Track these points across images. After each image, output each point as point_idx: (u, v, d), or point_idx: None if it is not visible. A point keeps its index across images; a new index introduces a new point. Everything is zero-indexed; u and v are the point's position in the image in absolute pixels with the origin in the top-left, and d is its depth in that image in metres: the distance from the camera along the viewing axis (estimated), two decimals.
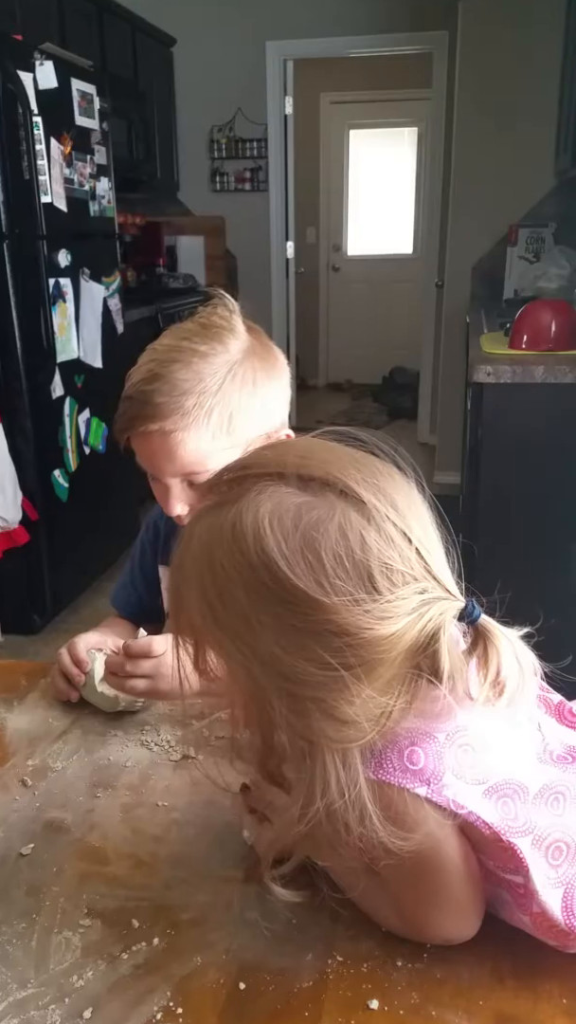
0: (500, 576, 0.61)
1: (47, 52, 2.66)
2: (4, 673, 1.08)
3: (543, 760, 0.62)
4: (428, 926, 0.63)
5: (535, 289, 3.39)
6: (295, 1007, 0.60)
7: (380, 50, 4.76)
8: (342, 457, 0.58)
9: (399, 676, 0.55)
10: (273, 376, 0.95)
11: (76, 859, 0.76)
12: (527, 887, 0.59)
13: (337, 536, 0.53)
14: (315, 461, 0.57)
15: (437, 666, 0.54)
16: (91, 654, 1.00)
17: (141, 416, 0.90)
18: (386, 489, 0.56)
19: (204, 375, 0.89)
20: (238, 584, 0.54)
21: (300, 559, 0.53)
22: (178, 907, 0.70)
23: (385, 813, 0.56)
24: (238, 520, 0.55)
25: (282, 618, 0.53)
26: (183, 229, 4.96)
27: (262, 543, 0.53)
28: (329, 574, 0.52)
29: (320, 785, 0.55)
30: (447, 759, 0.57)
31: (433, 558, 0.56)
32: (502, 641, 0.57)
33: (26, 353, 2.66)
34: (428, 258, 4.96)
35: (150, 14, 4.29)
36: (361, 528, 0.54)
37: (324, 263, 7.17)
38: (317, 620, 0.53)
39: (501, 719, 0.60)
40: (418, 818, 0.56)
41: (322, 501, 0.55)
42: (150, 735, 0.94)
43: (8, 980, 0.63)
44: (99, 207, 3.09)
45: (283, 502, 0.55)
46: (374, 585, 0.53)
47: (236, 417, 0.90)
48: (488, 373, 2.28)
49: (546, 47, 3.75)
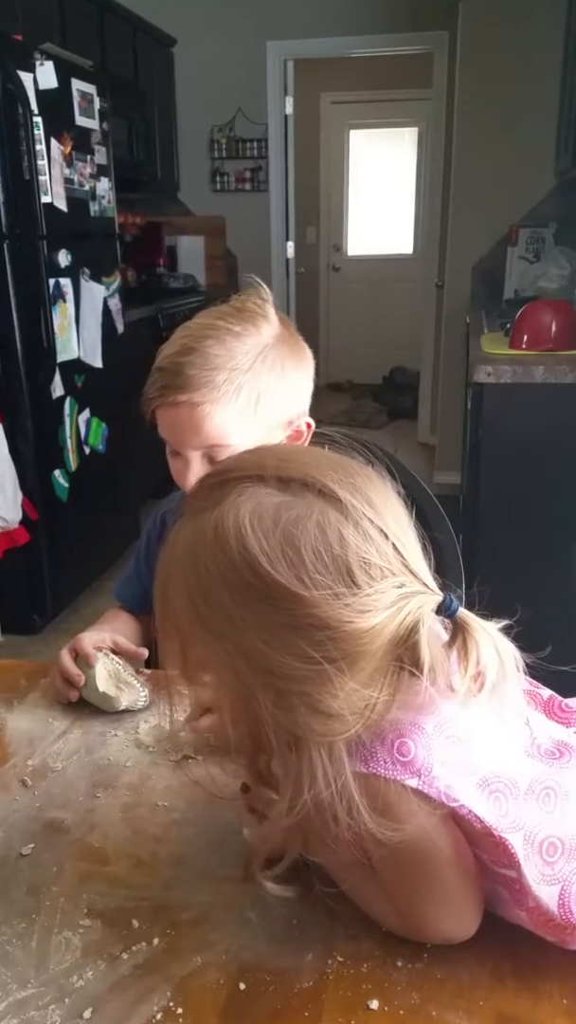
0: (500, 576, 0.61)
1: (47, 52, 2.66)
2: (4, 673, 1.08)
3: (531, 755, 0.63)
4: (426, 923, 0.63)
5: (535, 289, 3.39)
6: (295, 1007, 0.60)
7: (380, 50, 4.76)
8: (320, 459, 0.61)
9: (381, 669, 0.56)
10: (300, 365, 0.97)
11: (76, 859, 0.76)
12: (520, 882, 0.59)
13: (316, 533, 0.55)
14: (294, 463, 0.59)
15: (418, 658, 0.56)
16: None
17: (172, 386, 0.91)
18: (363, 488, 0.58)
19: (236, 353, 0.91)
20: (221, 583, 0.56)
21: (280, 555, 0.54)
22: (178, 907, 0.70)
23: (375, 805, 0.57)
24: (220, 522, 0.56)
25: (265, 614, 0.55)
26: (183, 229, 4.97)
27: (243, 542, 0.55)
28: (309, 569, 0.54)
29: (307, 778, 0.57)
30: (436, 751, 0.58)
31: (410, 553, 0.58)
32: (481, 633, 0.58)
33: (26, 353, 2.66)
34: (428, 258, 4.96)
35: (150, 14, 4.29)
36: (339, 525, 0.55)
37: (324, 263, 7.17)
38: (299, 614, 0.54)
39: (487, 713, 0.61)
40: (408, 810, 0.57)
41: (301, 500, 0.56)
42: (151, 735, 0.94)
43: (8, 980, 0.63)
44: (99, 207, 3.09)
45: (263, 502, 0.56)
46: (353, 579, 0.55)
47: (263, 398, 0.92)
48: (488, 373, 2.28)
49: (546, 47, 3.76)
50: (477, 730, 0.60)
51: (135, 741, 0.93)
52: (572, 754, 0.63)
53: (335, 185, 7.06)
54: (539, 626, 0.63)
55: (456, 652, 0.58)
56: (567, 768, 0.62)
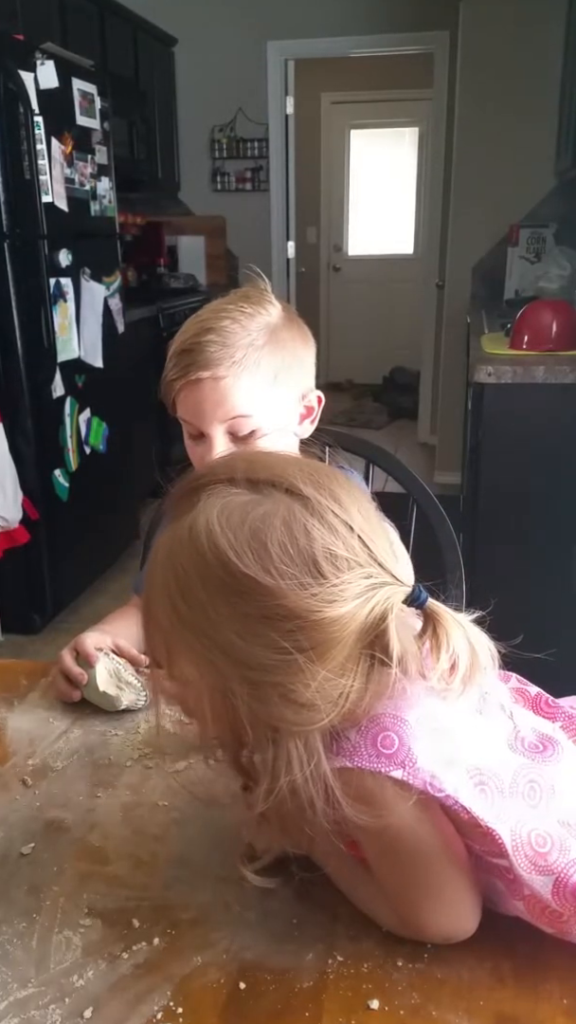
0: (500, 576, 0.61)
1: (48, 52, 2.66)
2: (4, 673, 1.08)
3: (514, 748, 0.64)
4: (423, 919, 0.63)
5: (536, 289, 3.39)
6: (295, 1007, 0.60)
7: (381, 50, 4.76)
8: (286, 461, 0.64)
9: (352, 658, 0.58)
10: (307, 343, 1.03)
11: (76, 859, 0.76)
12: (514, 871, 0.60)
13: (281, 528, 0.57)
14: (261, 465, 0.62)
15: (387, 647, 0.57)
16: None
17: (194, 364, 0.94)
18: (328, 485, 0.60)
19: (252, 330, 0.96)
20: (196, 581, 0.58)
21: (247, 549, 0.57)
22: (178, 907, 0.70)
23: (357, 796, 0.58)
24: (193, 524, 0.59)
25: (237, 607, 0.57)
26: (184, 229, 4.97)
27: (214, 539, 0.57)
28: (275, 561, 0.56)
29: (283, 766, 0.59)
30: (420, 742, 0.59)
31: (377, 547, 0.59)
32: (451, 623, 0.60)
33: (27, 353, 2.66)
34: (429, 258, 4.96)
35: (151, 14, 4.29)
36: (304, 519, 0.58)
37: (325, 263, 7.17)
38: (268, 605, 0.56)
39: (469, 707, 0.62)
40: (392, 800, 0.58)
41: (267, 499, 0.59)
42: (150, 735, 0.94)
43: (8, 980, 0.64)
44: (100, 207, 3.09)
45: (232, 502, 0.59)
46: (319, 570, 0.57)
47: (280, 373, 0.97)
48: (488, 373, 2.28)
49: (547, 47, 3.76)
50: (459, 723, 0.62)
51: (135, 740, 0.93)
52: (556, 747, 0.64)
53: (335, 185, 7.06)
54: (539, 626, 0.63)
55: (428, 643, 0.59)
56: (550, 761, 0.63)
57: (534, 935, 0.63)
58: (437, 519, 1.29)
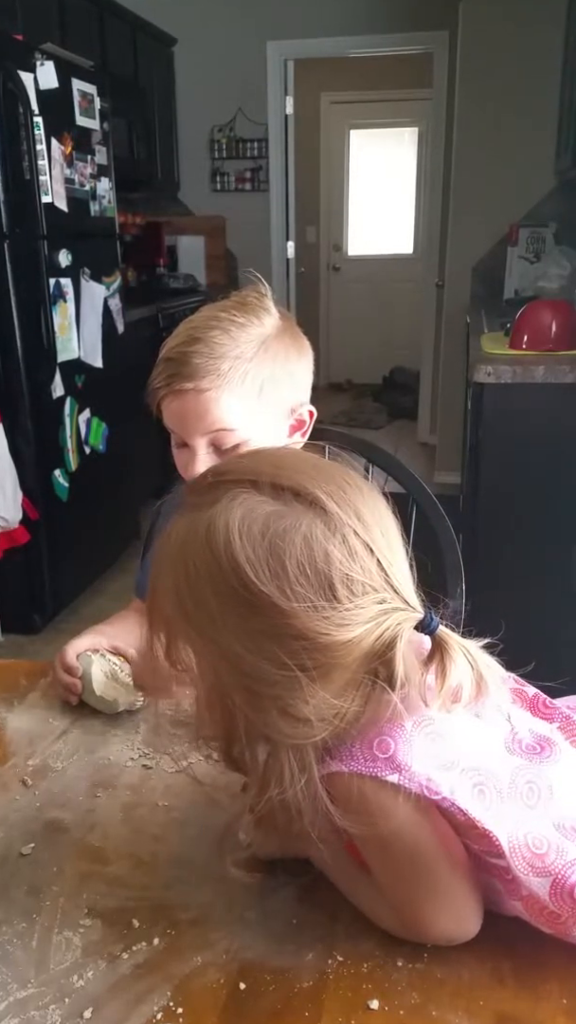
0: (500, 576, 0.61)
1: (48, 52, 2.66)
2: (4, 673, 1.08)
3: (511, 750, 0.64)
4: (424, 921, 0.63)
5: (535, 289, 3.39)
6: (295, 1007, 0.60)
7: (381, 50, 4.76)
8: (314, 468, 0.61)
9: (354, 681, 0.57)
10: (301, 355, 1.00)
11: (76, 859, 0.76)
12: (512, 872, 0.60)
13: (302, 546, 0.56)
14: (288, 471, 0.60)
15: (391, 673, 0.57)
16: (86, 657, 1.00)
17: (179, 375, 0.93)
18: (354, 501, 0.59)
19: (240, 342, 0.93)
20: (207, 585, 0.57)
21: (265, 566, 0.56)
22: (178, 907, 0.70)
23: (355, 803, 0.58)
24: (211, 524, 0.58)
25: (246, 619, 0.56)
26: (183, 229, 4.96)
27: (231, 549, 0.56)
28: (292, 581, 0.55)
29: (274, 776, 0.59)
30: (416, 746, 0.59)
31: (394, 570, 0.59)
32: (457, 652, 0.59)
33: (26, 353, 2.66)
34: (428, 258, 4.96)
35: (151, 14, 4.29)
36: (325, 540, 0.57)
37: (324, 263, 7.17)
38: (278, 624, 0.56)
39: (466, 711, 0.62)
40: (388, 804, 0.58)
41: (291, 511, 0.58)
42: (150, 735, 0.94)
43: (8, 980, 0.64)
44: (100, 207, 3.09)
45: (254, 510, 0.58)
46: (334, 594, 0.56)
47: (267, 386, 0.94)
48: (488, 373, 2.28)
49: (547, 47, 3.76)
50: (456, 726, 0.61)
51: (135, 740, 0.93)
52: (553, 749, 0.64)
53: (335, 185, 7.06)
54: (539, 625, 0.63)
55: (434, 669, 0.59)
56: (548, 762, 0.63)
57: (534, 935, 0.63)
58: (437, 519, 1.29)
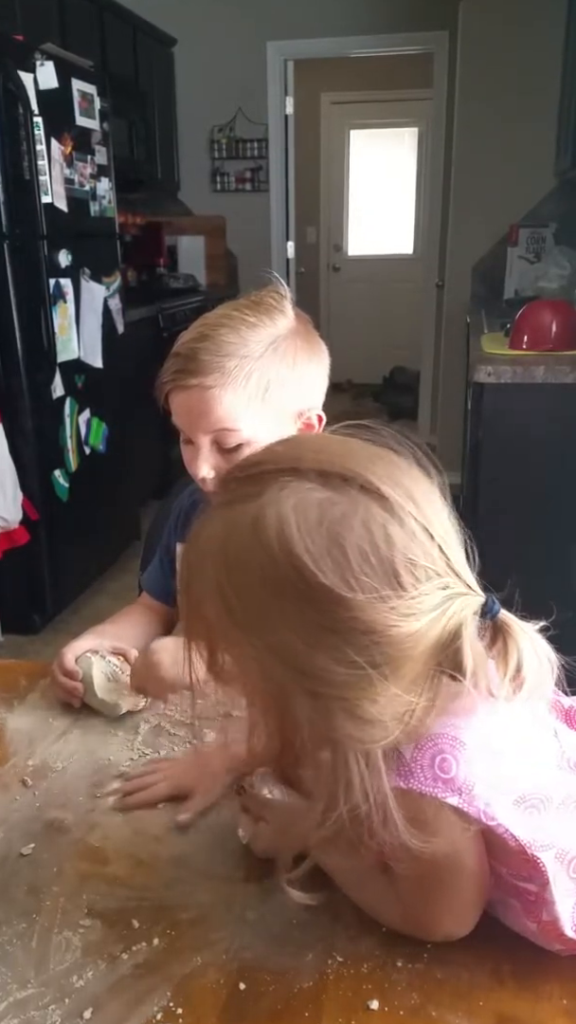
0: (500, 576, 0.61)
1: (48, 52, 2.66)
2: (4, 673, 1.08)
3: (562, 767, 0.62)
4: (432, 924, 0.63)
5: (536, 289, 3.39)
6: (295, 1007, 0.60)
7: (380, 50, 4.76)
8: (358, 452, 0.57)
9: (424, 673, 0.54)
10: (314, 359, 0.99)
11: (76, 859, 0.76)
12: (540, 896, 0.58)
13: (361, 532, 0.52)
14: (332, 456, 0.56)
15: (460, 662, 0.54)
16: (86, 659, 1.00)
17: (185, 371, 0.93)
18: (405, 483, 0.55)
19: (249, 342, 0.93)
20: (258, 579, 0.53)
21: (327, 556, 0.52)
22: (178, 907, 0.70)
23: (413, 820, 0.55)
24: (259, 517, 0.53)
25: (307, 616, 0.52)
26: (183, 229, 4.96)
27: (287, 540, 0.52)
28: (355, 571, 0.52)
29: (343, 786, 0.54)
30: (477, 767, 0.56)
31: (454, 552, 0.56)
32: (521, 635, 0.56)
33: (26, 353, 2.66)
34: (428, 258, 4.96)
35: (151, 14, 4.29)
36: (384, 523, 0.53)
37: (324, 263, 7.16)
38: (343, 618, 0.52)
39: (521, 726, 0.60)
40: (444, 826, 0.56)
41: (343, 496, 0.54)
42: (150, 735, 0.94)
43: (8, 980, 0.64)
44: (100, 207, 3.09)
45: (305, 498, 0.53)
46: (399, 581, 0.52)
47: (273, 387, 0.94)
48: (488, 373, 2.28)
49: (547, 47, 3.75)
50: (514, 744, 0.59)
51: (135, 741, 0.93)
52: None
53: (335, 185, 7.05)
54: (552, 619, 0.62)
55: (496, 655, 0.56)
56: None
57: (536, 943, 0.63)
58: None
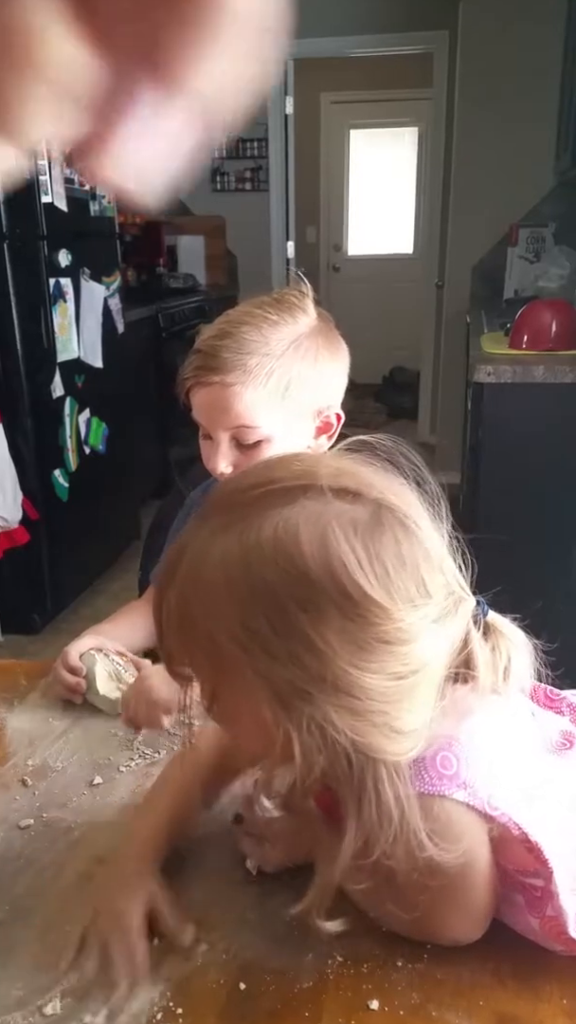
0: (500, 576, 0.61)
1: None
2: (4, 673, 1.08)
3: (548, 750, 0.63)
4: (442, 928, 0.63)
5: (535, 289, 3.39)
6: (295, 1007, 0.60)
7: (380, 50, 4.75)
8: (366, 470, 0.59)
9: (446, 677, 0.56)
10: (334, 358, 1.00)
11: (76, 859, 0.76)
12: (546, 889, 0.58)
13: (392, 544, 0.53)
14: (347, 474, 0.56)
15: (471, 662, 0.56)
16: (90, 656, 1.00)
17: (206, 368, 0.94)
18: (403, 495, 0.57)
19: (271, 340, 0.94)
20: (290, 601, 0.51)
21: (370, 567, 0.51)
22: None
23: (432, 827, 0.54)
24: (283, 535, 0.52)
25: (349, 631, 0.51)
26: (183, 229, 4.96)
27: (326, 553, 0.51)
28: (393, 580, 0.52)
29: (375, 806, 0.53)
30: (474, 760, 0.57)
31: (448, 561, 0.58)
32: (508, 631, 0.59)
33: (26, 353, 2.66)
34: (428, 258, 4.96)
35: None
36: (404, 536, 0.54)
37: (324, 263, 7.16)
38: (386, 629, 0.52)
39: (508, 713, 0.61)
40: (462, 825, 0.56)
41: (367, 510, 0.54)
42: (150, 735, 0.94)
43: (8, 980, 0.63)
44: (99, 207, 3.09)
45: (342, 514, 0.53)
46: (427, 589, 0.54)
47: (293, 385, 0.95)
48: (488, 373, 2.28)
49: (546, 47, 3.75)
50: (505, 734, 0.60)
51: (135, 741, 0.93)
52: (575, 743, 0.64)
53: (335, 185, 7.05)
54: (539, 626, 0.63)
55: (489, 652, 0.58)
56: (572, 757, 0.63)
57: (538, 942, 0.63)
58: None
